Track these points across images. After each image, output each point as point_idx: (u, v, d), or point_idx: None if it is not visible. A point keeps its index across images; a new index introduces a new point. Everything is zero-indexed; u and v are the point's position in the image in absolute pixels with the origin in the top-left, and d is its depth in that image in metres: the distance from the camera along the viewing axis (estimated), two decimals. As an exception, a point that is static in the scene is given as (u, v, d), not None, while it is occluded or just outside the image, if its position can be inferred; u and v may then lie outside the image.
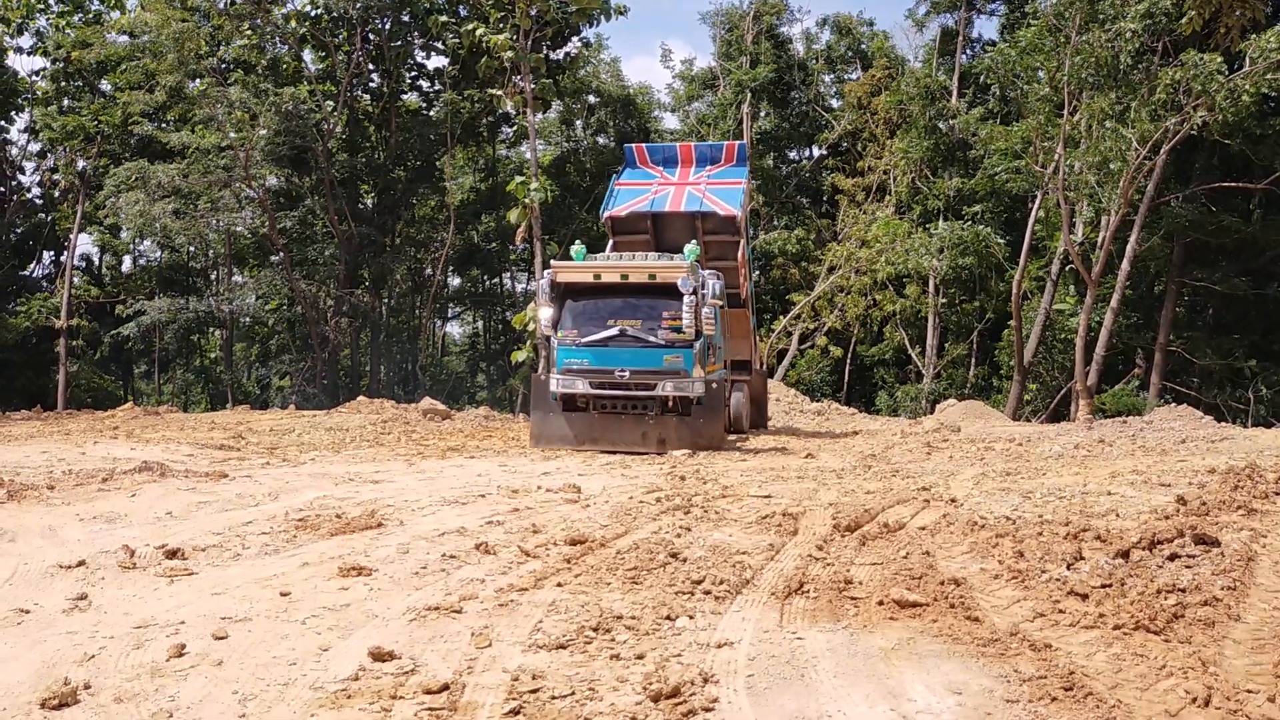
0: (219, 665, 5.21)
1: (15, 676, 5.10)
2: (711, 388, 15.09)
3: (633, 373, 15.09)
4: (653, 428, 15.05)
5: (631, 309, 15.33)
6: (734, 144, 19.63)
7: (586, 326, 15.46)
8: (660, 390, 14.98)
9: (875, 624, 5.63)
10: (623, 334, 15.22)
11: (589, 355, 15.28)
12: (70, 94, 33.42)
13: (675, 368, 14.96)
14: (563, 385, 15.28)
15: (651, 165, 19.53)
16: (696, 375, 14.93)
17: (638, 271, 15.20)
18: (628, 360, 15.13)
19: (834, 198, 39.09)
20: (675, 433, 14.93)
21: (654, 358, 15.08)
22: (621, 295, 15.42)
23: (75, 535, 8.75)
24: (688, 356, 15.00)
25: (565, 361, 15.37)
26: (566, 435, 15.33)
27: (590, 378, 15.20)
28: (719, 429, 15.25)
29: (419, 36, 33.54)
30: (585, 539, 8.02)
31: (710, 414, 15.10)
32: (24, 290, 34.98)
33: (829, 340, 36.14)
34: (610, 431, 15.17)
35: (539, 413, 15.73)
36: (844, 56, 41.80)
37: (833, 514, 8.77)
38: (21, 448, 15.78)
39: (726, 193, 18.08)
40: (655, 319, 15.15)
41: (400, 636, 5.63)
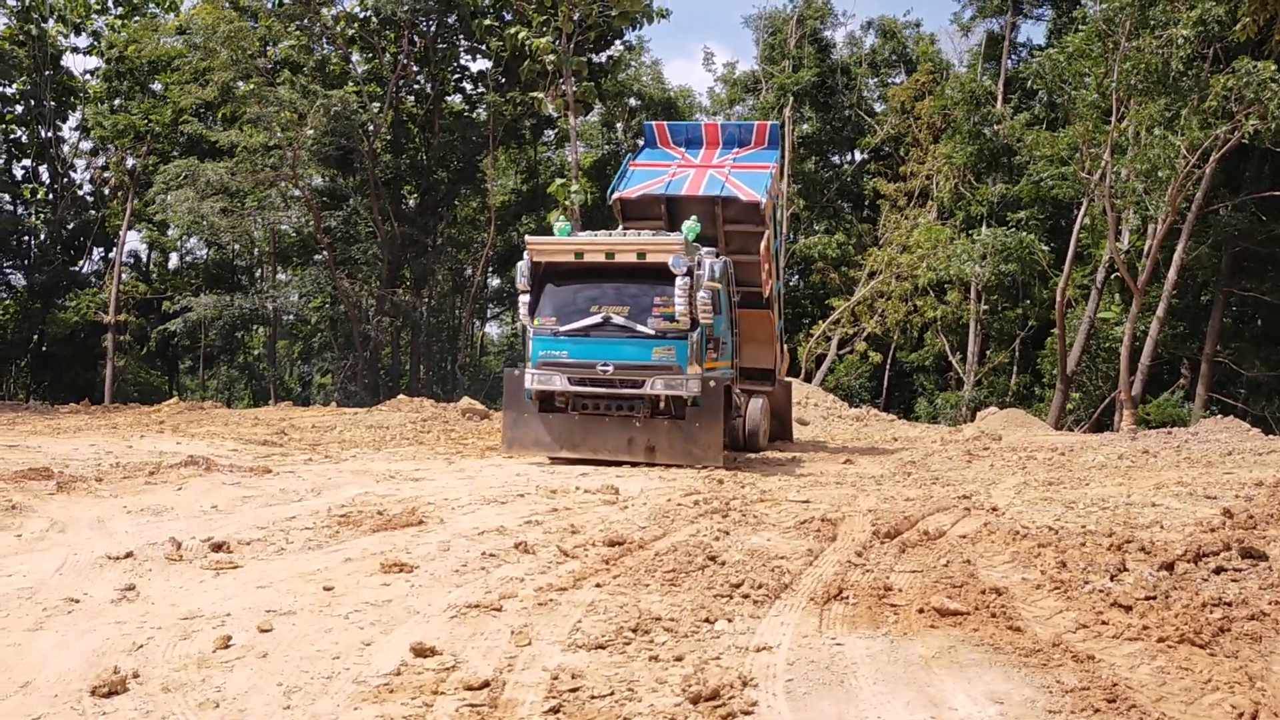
0: (264, 657, 5.29)
1: (66, 664, 5.21)
2: (709, 387, 12.93)
3: (617, 368, 13.10)
4: (640, 433, 13.17)
5: (618, 294, 13.34)
6: (765, 125, 17.37)
7: (567, 313, 13.48)
8: (649, 389, 12.99)
9: (916, 631, 5.60)
10: (607, 322, 13.21)
11: (568, 347, 13.34)
12: (122, 93, 34.00)
13: (666, 362, 12.92)
14: (538, 381, 13.35)
15: (673, 145, 17.50)
16: (691, 372, 12.88)
17: (625, 250, 13.20)
18: (612, 353, 13.16)
19: (875, 202, 38.88)
20: (666, 439, 13.12)
21: (642, 350, 13.09)
22: (607, 278, 13.45)
23: (123, 527, 8.92)
24: (681, 349, 12.95)
25: (542, 354, 13.42)
26: (543, 439, 13.52)
27: (569, 373, 13.27)
28: (716, 437, 13.01)
29: (464, 39, 33.78)
30: (623, 540, 8.05)
31: (707, 419, 13.00)
32: (74, 286, 35.62)
33: (868, 346, 35.95)
34: (592, 436, 13.37)
35: (512, 413, 13.76)
36: (888, 60, 41.57)
37: (872, 520, 8.74)
38: (70, 440, 16.08)
39: (752, 177, 16.03)
40: (645, 305, 13.17)
41: (441, 633, 5.69)
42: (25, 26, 33.86)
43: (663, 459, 12.90)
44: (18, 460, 13.00)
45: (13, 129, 36.25)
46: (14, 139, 36.57)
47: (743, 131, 17.21)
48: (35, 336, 35.73)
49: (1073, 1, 33.93)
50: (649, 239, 13.40)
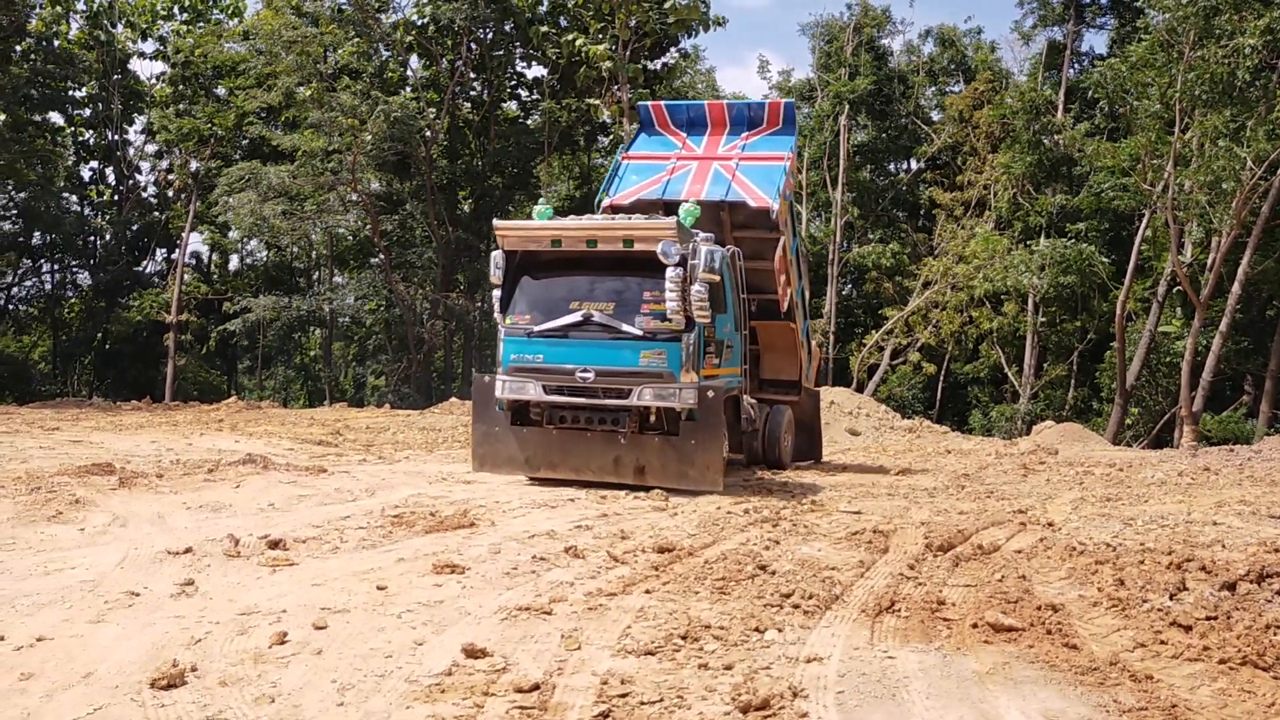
0: (319, 654, 5.37)
1: (127, 656, 5.33)
2: (707, 398, 10.98)
3: (598, 374, 11.18)
4: (627, 451, 11.26)
5: (602, 288, 11.46)
6: (779, 103, 14.86)
7: (542, 310, 11.61)
8: (635, 399, 11.08)
9: (969, 646, 5.54)
10: (587, 321, 11.31)
11: (544, 349, 11.46)
12: (187, 97, 34.75)
13: (655, 368, 11.02)
14: (509, 389, 11.54)
15: (672, 129, 14.98)
16: (686, 380, 10.97)
17: (609, 235, 11.24)
18: (593, 357, 11.25)
19: (931, 212, 38.52)
20: (658, 459, 11.19)
21: (627, 354, 11.16)
22: (589, 269, 11.61)
23: (183, 523, 9.10)
24: (673, 353, 11.01)
25: (513, 357, 11.58)
26: (516, 457, 11.71)
27: (545, 380, 11.41)
28: (715, 457, 11.06)
29: (520, 46, 34.05)
30: (673, 547, 8.05)
31: (704, 435, 11.06)
32: (137, 286, 36.40)
33: (922, 356, 35.61)
34: (572, 454, 11.50)
35: (481, 426, 11.91)
36: (946, 69, 41.20)
37: (925, 533, 8.65)
38: (132, 437, 16.44)
39: (763, 171, 13.80)
40: (633, 301, 11.28)
41: (492, 635, 5.73)
42: (95, 32, 34.75)
43: (653, 481, 11.04)
44: (82, 455, 13.32)
45: (81, 132, 37.20)
46: (82, 141, 37.52)
47: (753, 111, 14.81)
48: (100, 335, 36.58)
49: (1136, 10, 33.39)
50: (636, 222, 11.45)
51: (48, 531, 8.58)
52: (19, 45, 32.39)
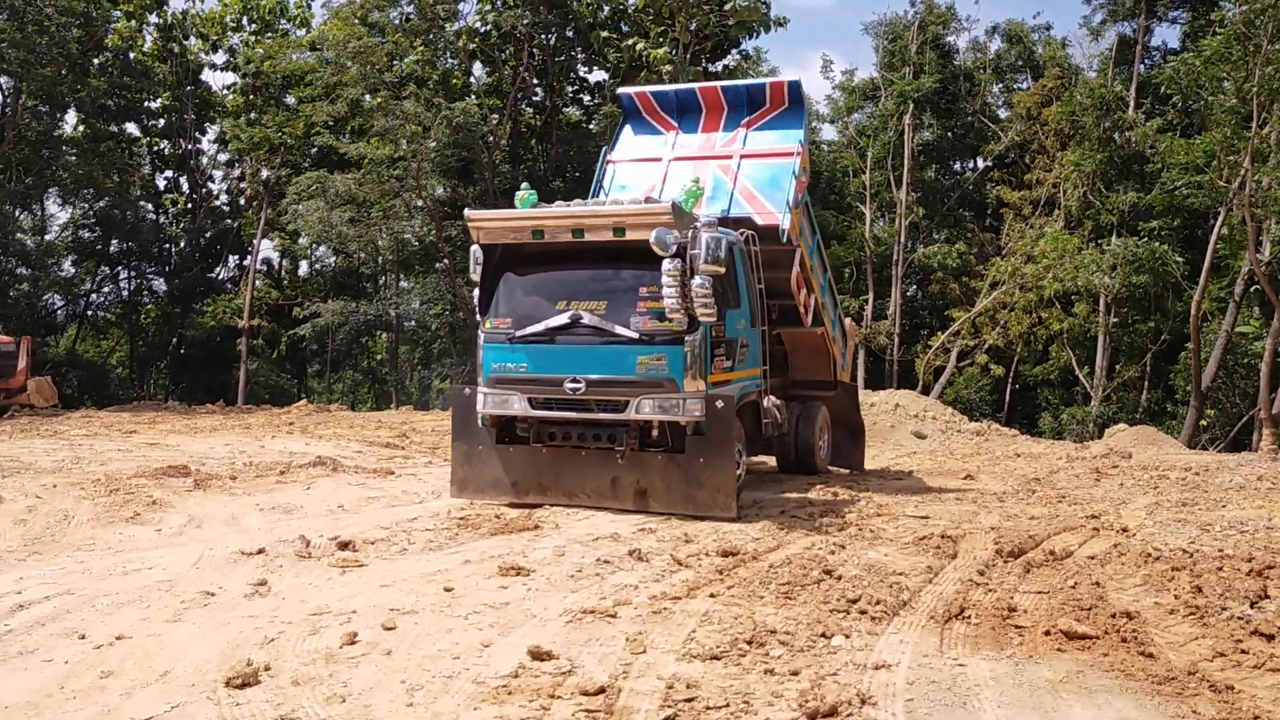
0: (388, 655, 5.44)
1: (203, 655, 5.45)
2: (715, 408, 9.42)
3: (590, 384, 9.63)
4: (626, 472, 9.72)
5: (592, 284, 9.93)
6: (781, 83, 12.65)
7: (526, 312, 10.07)
8: (633, 412, 9.55)
9: (1041, 654, 5.43)
10: (576, 323, 9.77)
11: (527, 357, 9.92)
12: (257, 107, 35.48)
13: (655, 376, 9.50)
14: (491, 403, 10.05)
15: (661, 117, 13.01)
16: (691, 388, 9.43)
17: (597, 223, 9.66)
18: (583, 364, 9.69)
19: (999, 211, 37.90)
20: (661, 480, 9.64)
21: (622, 360, 9.60)
22: (578, 263, 10.03)
23: (256, 524, 9.29)
24: (674, 358, 9.45)
25: (495, 366, 10.06)
26: (500, 480, 10.15)
27: (530, 392, 9.89)
28: (727, 477, 9.47)
29: (581, 51, 34.22)
30: (737, 551, 8.03)
31: (714, 453, 9.47)
32: (211, 291, 37.26)
33: (990, 358, 35.05)
34: (564, 477, 9.97)
35: (462, 445, 10.38)
36: (1013, 65, 40.52)
37: (995, 538, 8.50)
38: (207, 440, 16.81)
39: (769, 176, 11.90)
40: (628, 299, 9.72)
41: (557, 637, 5.76)
42: (168, 44, 35.68)
43: (657, 506, 9.60)
44: (158, 458, 13.67)
45: (156, 142, 38.18)
46: (157, 151, 38.50)
47: (753, 93, 12.77)
48: (175, 340, 37.52)
49: (1210, 4, 32.54)
50: (628, 207, 9.88)
51: (126, 532, 8.83)
52: (97, 59, 33.36)
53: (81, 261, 36.40)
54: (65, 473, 12.19)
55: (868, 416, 19.72)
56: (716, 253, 9.30)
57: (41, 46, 28.45)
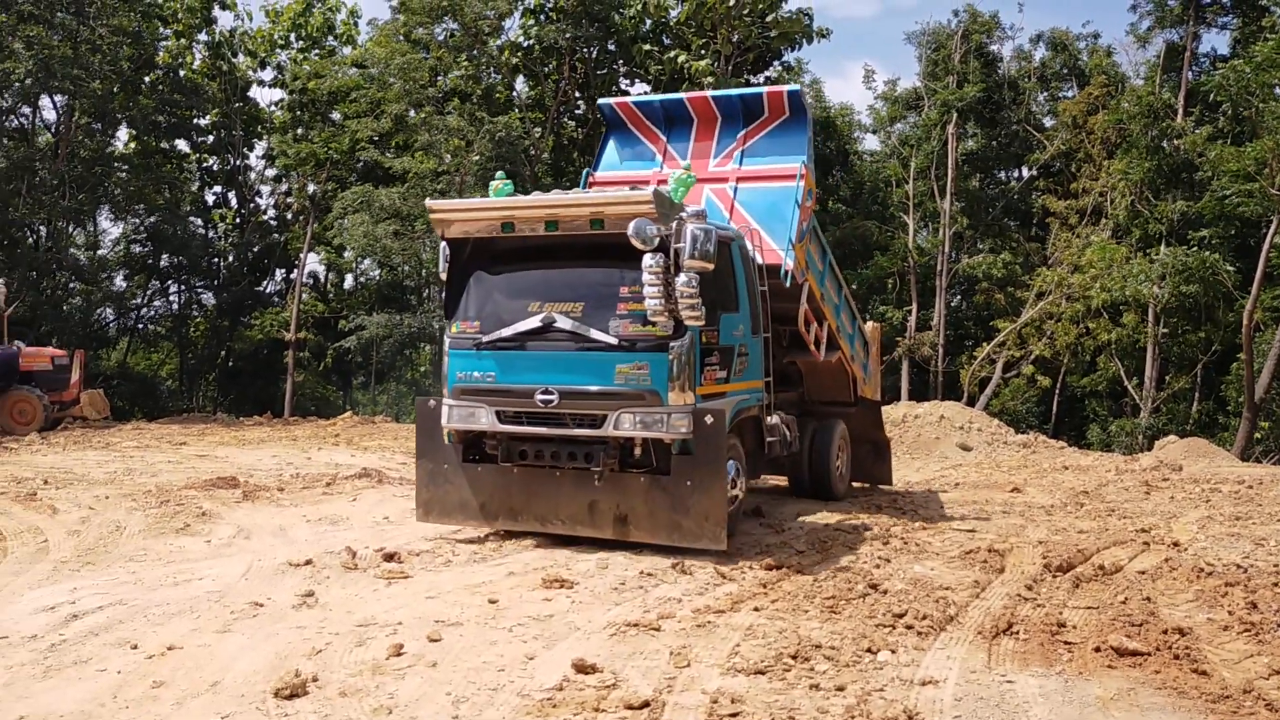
0: (433, 666, 5.48)
1: (252, 665, 5.52)
2: (704, 424, 8.19)
3: (563, 395, 8.49)
4: (604, 495, 8.55)
5: (567, 284, 8.79)
6: (780, 91, 11.23)
7: (495, 314, 8.96)
8: (610, 428, 8.39)
9: (1091, 671, 5.35)
10: (549, 327, 8.62)
11: (495, 365, 8.80)
12: (304, 123, 35.96)
13: (635, 387, 8.31)
14: (456, 417, 8.96)
15: (649, 129, 11.67)
16: (676, 401, 8.23)
17: (573, 214, 8.52)
18: (555, 374, 8.56)
19: (1044, 220, 37.46)
20: (643, 505, 8.44)
21: (599, 368, 8.43)
22: (553, 259, 8.92)
23: (303, 535, 9.40)
24: (657, 366, 8.27)
25: (460, 375, 9.00)
26: (468, 503, 9.07)
27: (498, 404, 8.77)
28: (716, 502, 8.17)
29: (623, 64, 34.34)
30: (781, 564, 8.00)
31: (703, 474, 8.23)
32: (258, 305, 37.75)
33: (1036, 369, 34.60)
34: (537, 501, 8.84)
35: (427, 464, 9.28)
36: (1058, 74, 40.07)
37: (1043, 553, 8.40)
38: (255, 451, 17.03)
39: (769, 201, 10.53)
40: (608, 300, 8.55)
41: (601, 650, 5.77)
42: (217, 62, 36.28)
43: (639, 535, 8.46)
44: (207, 469, 13.86)
45: (205, 158, 38.79)
46: (206, 167, 39.11)
47: (748, 101, 11.35)
48: (223, 352, 38.04)
49: (1260, 9, 32.00)
50: (606, 195, 8.81)
51: (176, 543, 8.96)
52: (147, 77, 34.00)
53: (133, 276, 37.04)
54: (117, 484, 12.40)
55: (911, 429, 19.59)
56: (705, 247, 8.04)
57: (94, 65, 29.02)
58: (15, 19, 27.34)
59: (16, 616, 6.50)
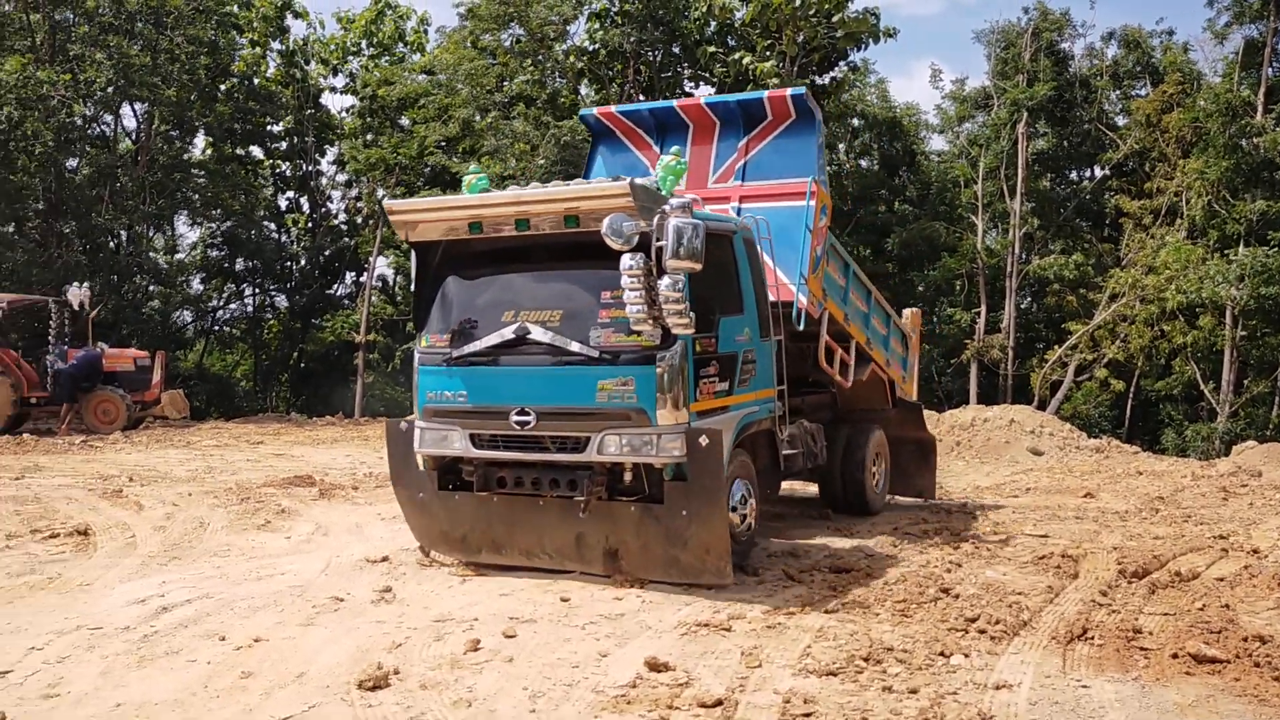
0: (510, 662, 5.60)
1: (334, 658, 5.70)
2: (699, 446, 7.15)
3: (541, 417, 7.48)
4: (592, 527, 7.57)
5: (544, 289, 7.83)
6: (783, 94, 9.89)
7: (467, 326, 7.94)
8: (594, 452, 7.38)
9: (1169, 678, 5.30)
10: (522, 339, 7.59)
11: (464, 383, 7.81)
12: (374, 129, 36.60)
13: (620, 404, 7.28)
14: (428, 441, 7.98)
15: (641, 140, 10.55)
16: (666, 420, 7.17)
17: (545, 212, 7.46)
18: (531, 392, 7.57)
19: (1117, 221, 36.72)
20: (635, 538, 7.47)
21: (579, 385, 7.41)
22: (527, 262, 7.93)
23: (378, 533, 9.62)
24: (644, 381, 7.23)
25: (430, 395, 7.99)
26: (449, 534, 8.16)
27: (472, 426, 7.78)
28: (717, 534, 7.23)
29: (688, 67, 34.41)
30: (850, 568, 8.00)
31: (700, 502, 7.23)
32: (329, 308, 38.49)
33: (1109, 373, 33.94)
34: (520, 534, 7.87)
35: (405, 491, 8.34)
36: (1132, 71, 39.25)
37: (1118, 558, 8.29)
38: (328, 450, 17.41)
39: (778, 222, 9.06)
40: (588, 307, 7.54)
41: (673, 649, 5.85)
42: (290, 70, 37.08)
43: (633, 570, 7.50)
44: (284, 468, 14.22)
45: (279, 164, 39.64)
46: (279, 173, 39.97)
47: (747, 106, 10.13)
48: (295, 354, 38.85)
49: (1346, 1, 31.12)
50: (580, 188, 7.64)
51: (258, 539, 9.24)
52: (223, 85, 34.88)
53: (209, 279, 37.98)
54: (199, 482, 12.78)
55: (980, 432, 19.35)
56: (692, 243, 6.84)
57: (172, 74, 29.86)
58: (97, 30, 28.22)
59: (109, 608, 6.76)
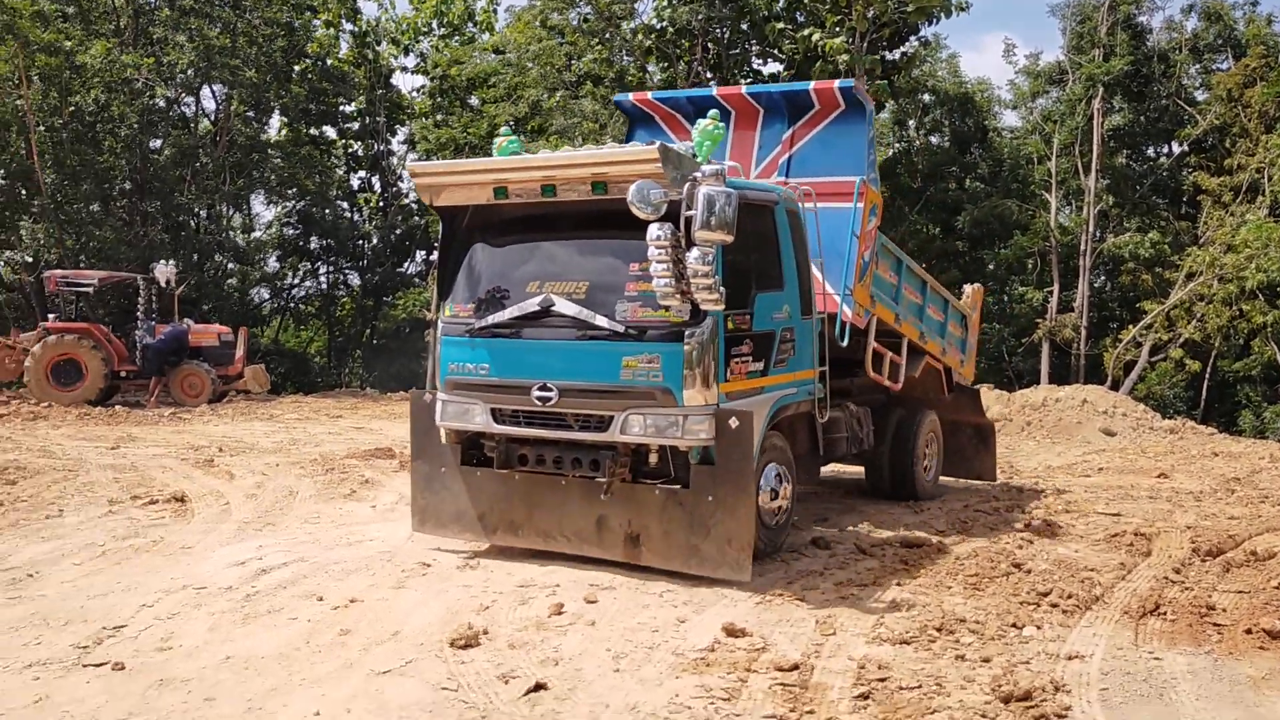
0: (592, 625, 5.85)
1: (426, 619, 5.99)
2: (729, 429, 6.77)
3: (563, 393, 7.16)
4: (614, 510, 7.20)
5: (571, 260, 7.48)
6: (830, 86, 9.29)
7: (492, 296, 7.63)
8: (617, 432, 7.01)
9: (1242, 652, 5.37)
10: (547, 311, 7.24)
11: (488, 355, 7.51)
12: (444, 109, 37.05)
13: (645, 383, 6.91)
14: (450, 414, 7.69)
15: (680, 125, 9.91)
16: (694, 400, 6.78)
17: (572, 178, 7.05)
18: (555, 366, 7.23)
19: (1195, 198, 35.88)
20: (658, 523, 7.04)
21: (603, 361, 7.03)
22: (555, 231, 7.56)
23: (459, 503, 9.92)
24: (671, 359, 6.83)
25: (452, 367, 7.69)
26: (465, 513, 7.80)
27: (494, 400, 7.47)
28: (743, 523, 6.78)
29: (755, 44, 34.29)
30: (921, 543, 8.11)
31: (727, 489, 6.83)
32: (400, 285, 39.16)
33: (1185, 353, 33.27)
34: (540, 514, 7.51)
35: (422, 465, 8.06)
36: (1213, 44, 38.18)
37: (1191, 537, 8.29)
38: (404, 424, 17.71)
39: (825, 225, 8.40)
40: (616, 279, 7.13)
41: (749, 616, 6.05)
42: (363, 50, 37.66)
43: (651, 558, 7.05)
44: (365, 441, 14.65)
45: (351, 144, 40.32)
46: (352, 153, 40.64)
47: (791, 100, 9.51)
48: (368, 330, 39.65)
49: None
50: (610, 153, 7.21)
51: (345, 508, 9.62)
52: (297, 66, 35.55)
53: (285, 258, 38.85)
54: (284, 453, 13.25)
55: (1052, 413, 19.20)
56: (724, 213, 6.34)
57: (250, 57, 30.57)
58: (178, 14, 28.97)
59: (211, 570, 7.14)
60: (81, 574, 7.03)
